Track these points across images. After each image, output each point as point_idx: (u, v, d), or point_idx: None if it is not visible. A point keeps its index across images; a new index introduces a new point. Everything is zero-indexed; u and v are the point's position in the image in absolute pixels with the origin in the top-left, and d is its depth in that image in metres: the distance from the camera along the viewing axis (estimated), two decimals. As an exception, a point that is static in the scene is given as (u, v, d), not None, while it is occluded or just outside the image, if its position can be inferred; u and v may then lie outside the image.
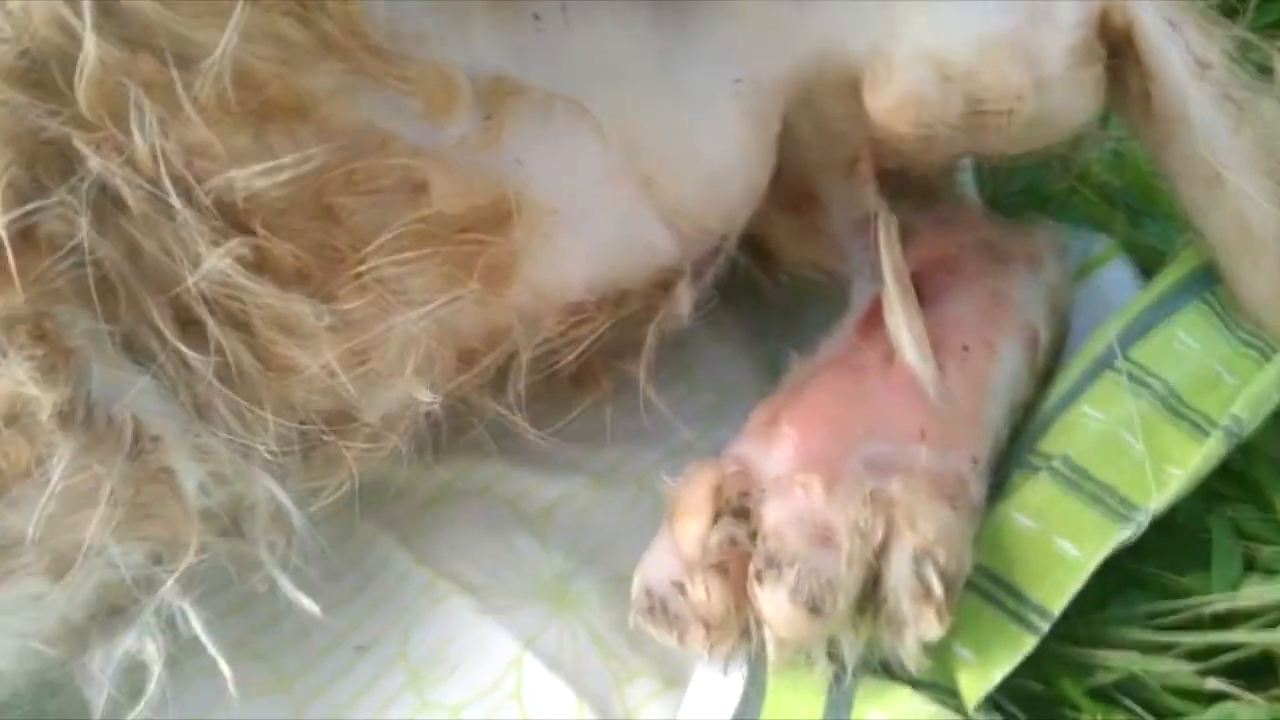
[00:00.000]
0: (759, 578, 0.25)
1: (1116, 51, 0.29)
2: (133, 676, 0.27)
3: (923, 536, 0.25)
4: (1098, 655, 0.28)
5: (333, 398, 0.27)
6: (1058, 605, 0.27)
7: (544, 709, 0.29)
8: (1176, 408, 0.30)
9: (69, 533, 0.25)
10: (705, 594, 0.26)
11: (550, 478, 0.33)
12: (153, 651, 0.27)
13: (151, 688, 0.26)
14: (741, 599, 0.26)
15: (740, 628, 0.26)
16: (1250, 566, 0.30)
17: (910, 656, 0.25)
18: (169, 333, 0.25)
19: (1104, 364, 0.31)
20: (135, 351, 0.26)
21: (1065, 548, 0.27)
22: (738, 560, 0.26)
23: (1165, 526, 0.30)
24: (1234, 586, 0.29)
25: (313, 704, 0.30)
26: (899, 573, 0.25)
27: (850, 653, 0.26)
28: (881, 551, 0.26)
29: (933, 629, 0.25)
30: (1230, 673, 0.28)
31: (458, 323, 0.28)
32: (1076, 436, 0.30)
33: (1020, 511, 0.28)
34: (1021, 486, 0.29)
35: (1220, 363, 0.31)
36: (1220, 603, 0.29)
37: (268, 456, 0.27)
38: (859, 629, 0.26)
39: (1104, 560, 0.28)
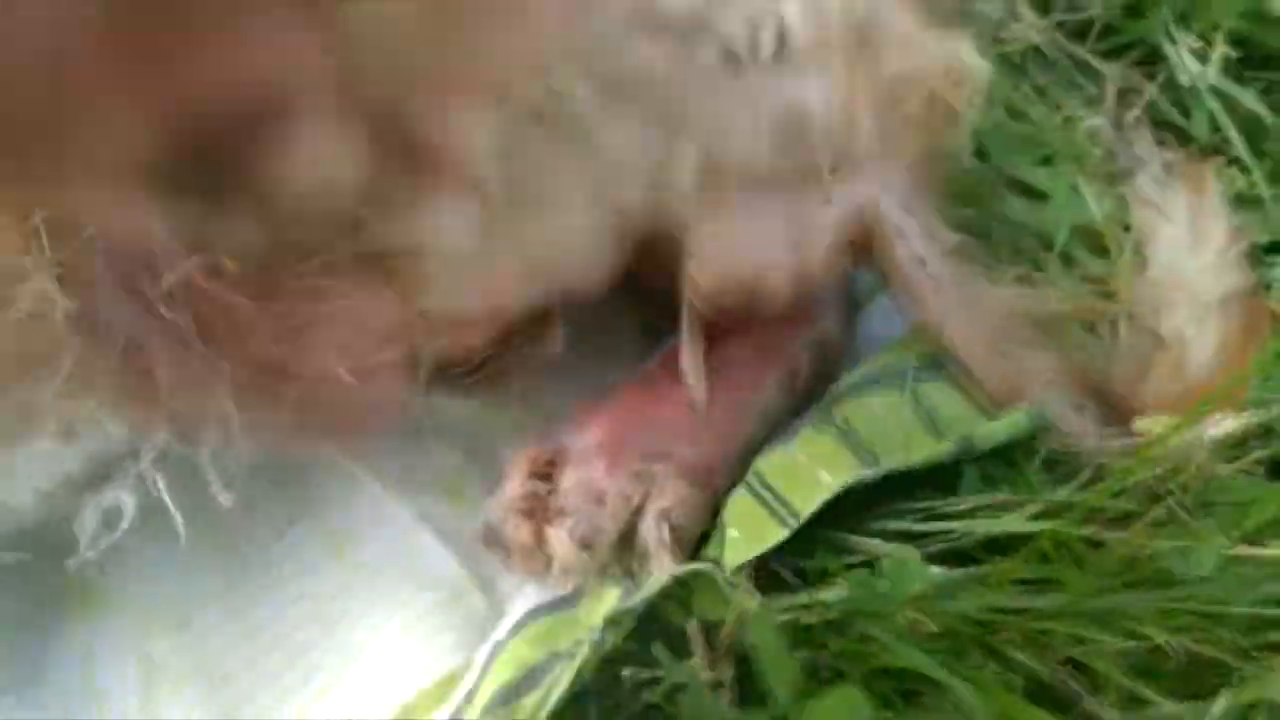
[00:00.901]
0: (549, 521, 0.34)
1: (863, 248, 0.38)
2: (111, 524, 0.32)
3: (666, 502, 0.34)
4: (853, 540, 0.35)
5: (275, 356, 0.31)
6: (806, 510, 0.34)
7: (433, 570, 0.36)
8: (934, 426, 0.37)
9: (75, 408, 0.30)
10: (515, 530, 0.34)
11: (459, 399, 0.39)
12: (129, 504, 0.32)
13: (124, 524, 0.31)
14: (540, 536, 0.34)
15: (542, 555, 0.34)
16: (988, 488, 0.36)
17: (652, 580, 0.33)
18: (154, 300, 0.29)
19: (894, 372, 0.38)
20: (133, 297, 0.29)
21: (822, 475, 0.35)
22: (542, 509, 0.34)
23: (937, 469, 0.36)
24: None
25: (250, 567, 0.36)
26: (645, 526, 0.34)
27: (612, 573, 0.34)
28: (637, 511, 0.34)
29: (665, 566, 0.33)
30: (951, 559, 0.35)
31: (374, 321, 0.33)
32: (860, 407, 0.36)
33: (799, 450, 0.36)
34: (806, 434, 0.36)
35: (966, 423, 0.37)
36: (949, 506, 0.36)
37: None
38: (620, 560, 0.34)
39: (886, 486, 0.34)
